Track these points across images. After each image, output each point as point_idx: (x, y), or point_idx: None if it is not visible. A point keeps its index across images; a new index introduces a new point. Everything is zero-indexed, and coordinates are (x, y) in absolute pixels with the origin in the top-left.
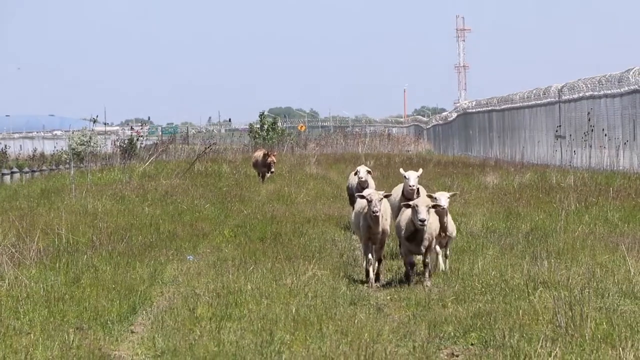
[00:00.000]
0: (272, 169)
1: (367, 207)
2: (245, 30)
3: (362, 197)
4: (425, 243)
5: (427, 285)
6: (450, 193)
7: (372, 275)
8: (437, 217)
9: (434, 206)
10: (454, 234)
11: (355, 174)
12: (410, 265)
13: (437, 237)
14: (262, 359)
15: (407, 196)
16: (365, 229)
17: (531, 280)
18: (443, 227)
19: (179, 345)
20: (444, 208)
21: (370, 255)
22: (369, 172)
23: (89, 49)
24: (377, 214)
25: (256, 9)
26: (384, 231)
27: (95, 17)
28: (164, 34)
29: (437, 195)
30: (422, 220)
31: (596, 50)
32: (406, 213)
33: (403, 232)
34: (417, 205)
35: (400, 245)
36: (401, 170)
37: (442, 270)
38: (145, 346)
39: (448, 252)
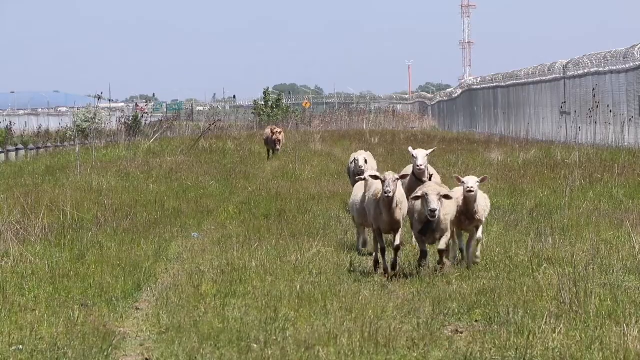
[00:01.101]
0: (278, 147)
1: (373, 191)
2: (250, 6)
3: (377, 177)
4: (439, 234)
5: (444, 272)
6: (480, 177)
7: (382, 262)
8: (452, 204)
9: (444, 196)
10: (487, 212)
11: (353, 162)
12: (423, 254)
13: (465, 223)
14: (267, 335)
15: (417, 176)
16: (376, 216)
17: (535, 256)
18: (471, 213)
19: (184, 322)
20: (470, 190)
21: (380, 244)
22: (366, 160)
23: (94, 25)
24: (390, 194)
25: None
26: (397, 221)
27: None
28: (169, 10)
29: (465, 179)
30: (433, 210)
31: (601, 26)
32: (418, 201)
33: (416, 219)
34: (427, 194)
35: (412, 229)
36: (410, 148)
37: (474, 260)
38: (150, 323)
39: (480, 235)
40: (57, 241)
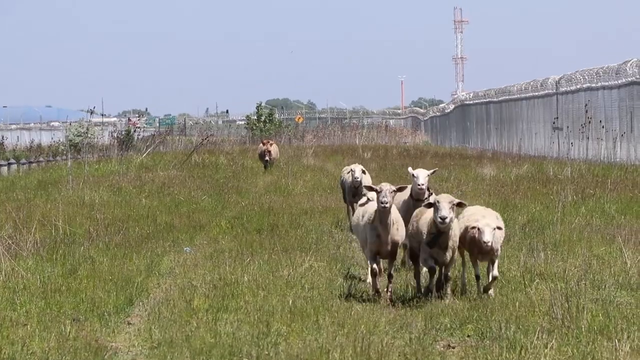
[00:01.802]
0: (266, 158)
1: (368, 216)
2: (242, 21)
3: (372, 189)
4: (448, 252)
5: (447, 302)
6: (498, 225)
7: (379, 288)
8: (457, 223)
9: (459, 204)
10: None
11: (349, 172)
12: (431, 270)
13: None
14: (259, 350)
15: (416, 197)
16: (373, 239)
17: (528, 272)
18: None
19: (176, 337)
20: (487, 244)
21: (375, 266)
22: (363, 171)
23: (87, 40)
24: (387, 205)
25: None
26: (395, 242)
27: (93, 7)
28: (161, 25)
29: (482, 226)
30: (443, 218)
31: (594, 42)
32: (427, 214)
33: (424, 237)
34: (438, 201)
35: (409, 255)
36: (409, 168)
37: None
38: (142, 337)
39: (495, 272)
40: (49, 256)
